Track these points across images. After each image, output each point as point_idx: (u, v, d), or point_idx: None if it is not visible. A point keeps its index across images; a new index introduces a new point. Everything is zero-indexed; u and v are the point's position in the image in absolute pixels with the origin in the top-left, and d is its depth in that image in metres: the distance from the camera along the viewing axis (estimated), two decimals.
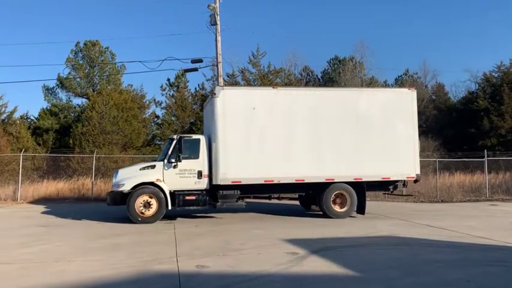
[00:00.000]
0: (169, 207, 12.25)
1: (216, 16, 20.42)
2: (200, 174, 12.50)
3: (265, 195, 14.03)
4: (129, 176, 12.55)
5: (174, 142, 12.58)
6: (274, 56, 74.94)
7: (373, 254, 8.43)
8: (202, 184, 12.52)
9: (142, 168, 12.68)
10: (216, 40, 20.70)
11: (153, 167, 12.63)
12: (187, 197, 12.38)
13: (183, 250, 8.49)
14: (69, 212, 12.45)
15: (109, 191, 13.43)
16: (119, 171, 13.14)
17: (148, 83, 74.09)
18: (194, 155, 12.62)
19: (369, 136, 13.18)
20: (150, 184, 12.27)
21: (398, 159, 13.25)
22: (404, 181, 13.80)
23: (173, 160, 12.38)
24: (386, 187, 14.02)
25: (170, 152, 12.52)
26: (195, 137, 13.30)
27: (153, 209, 12.15)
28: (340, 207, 13.15)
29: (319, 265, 7.33)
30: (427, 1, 68.55)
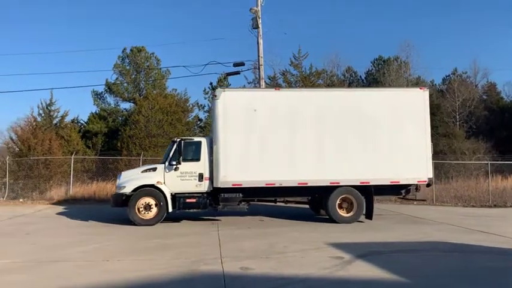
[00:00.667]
0: (169, 210, 12.29)
1: (258, 19, 20.53)
2: (201, 176, 12.43)
3: (271, 199, 13.73)
4: (131, 178, 12.66)
5: (175, 145, 12.59)
6: (316, 57, 74.36)
7: (422, 260, 8.16)
8: (204, 187, 12.44)
9: (144, 171, 12.81)
10: (257, 43, 20.80)
11: (155, 169, 12.69)
12: (188, 200, 12.36)
13: (227, 252, 8.57)
14: (117, 212, 12.86)
15: (113, 193, 13.59)
16: (122, 174, 13.31)
17: (191, 87, 75.38)
18: (195, 157, 12.59)
19: (377, 138, 12.67)
20: (151, 186, 12.35)
21: (408, 163, 12.63)
22: (417, 185, 13.11)
23: (174, 162, 12.37)
24: (397, 191, 13.39)
25: (171, 154, 12.53)
26: (196, 139, 13.20)
27: (153, 211, 12.21)
28: (347, 211, 12.68)
29: (365, 270, 7.18)
30: None
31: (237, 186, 12.24)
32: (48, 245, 9.48)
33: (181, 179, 12.37)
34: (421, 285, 6.53)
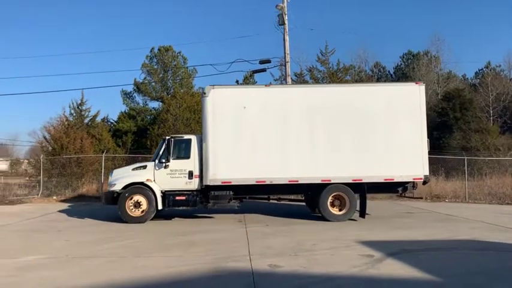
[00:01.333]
0: (159, 207, 12.33)
1: (284, 16, 20.45)
2: (191, 174, 12.42)
3: (264, 197, 13.54)
4: (122, 176, 12.76)
5: (165, 142, 12.61)
6: (343, 53, 73.53)
7: (454, 258, 7.95)
8: (194, 184, 12.42)
9: (135, 169, 12.88)
10: (283, 40, 20.73)
11: (145, 167, 12.75)
12: (177, 197, 12.36)
13: (256, 249, 8.57)
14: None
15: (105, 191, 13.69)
16: (113, 171, 13.43)
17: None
18: (185, 155, 12.58)
19: (370, 135, 12.38)
20: (141, 184, 12.41)
21: (403, 159, 12.28)
22: (414, 183, 12.76)
23: (164, 160, 12.43)
24: (393, 189, 13.10)
25: (161, 152, 12.58)
26: (186, 137, 13.13)
27: (143, 208, 12.28)
28: (339, 209, 12.44)
29: (396, 268, 7.04)
30: None
31: (227, 183, 12.20)
32: (80, 241, 9.73)
33: (171, 177, 12.43)
34: (454, 284, 6.35)
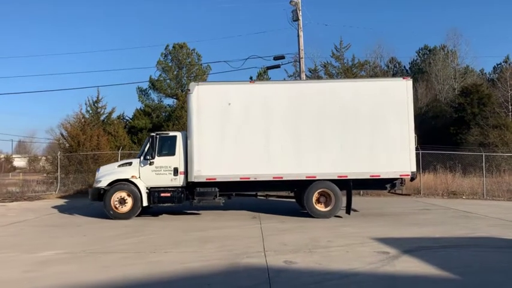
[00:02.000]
0: (144, 204, 12.36)
1: (298, 11, 20.35)
2: (176, 171, 12.42)
3: (251, 193, 13.45)
4: (108, 172, 12.83)
5: (150, 139, 12.64)
6: (358, 48, 73.04)
7: (472, 256, 7.83)
8: (179, 181, 12.41)
9: (121, 165, 12.95)
10: (298, 36, 20.63)
11: (130, 164, 12.79)
12: (162, 194, 12.37)
13: (271, 245, 8.57)
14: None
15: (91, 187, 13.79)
16: (100, 168, 13.51)
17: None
18: (170, 152, 12.59)
19: (356, 131, 12.25)
20: (126, 181, 12.45)
21: (389, 156, 12.14)
22: (402, 179, 12.57)
23: (149, 157, 12.46)
24: (381, 185, 12.91)
25: (146, 149, 12.62)
26: (171, 133, 13.15)
27: (128, 205, 12.33)
28: (325, 206, 12.37)
29: (413, 266, 6.96)
30: None
31: (211, 180, 12.21)
32: (97, 236, 9.86)
33: (156, 173, 12.47)
34: (472, 281, 6.25)
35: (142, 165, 12.54)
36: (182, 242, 9.15)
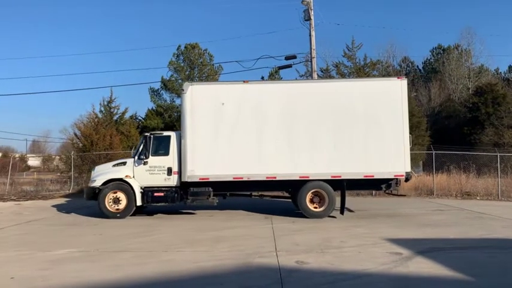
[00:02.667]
0: (138, 204, 12.41)
1: (310, 11, 20.29)
2: (170, 170, 12.45)
3: (246, 193, 13.36)
4: (103, 172, 12.92)
5: (144, 139, 12.70)
6: (370, 47, 72.53)
7: (487, 257, 7.71)
8: (172, 181, 12.45)
9: (115, 165, 12.99)
10: (309, 35, 20.57)
11: (125, 163, 12.86)
12: (156, 194, 12.41)
13: (282, 245, 8.56)
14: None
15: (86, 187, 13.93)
16: (96, 167, 13.60)
17: None
18: (164, 151, 12.62)
19: (350, 130, 12.16)
20: (120, 180, 12.51)
21: (384, 156, 12.02)
22: (397, 179, 12.44)
23: (143, 157, 12.51)
24: (376, 186, 12.84)
25: (140, 149, 12.68)
26: (165, 133, 13.15)
27: (122, 204, 12.42)
28: (318, 206, 12.30)
29: (427, 267, 6.89)
30: None
31: (205, 180, 12.22)
32: (111, 235, 9.95)
33: (150, 173, 12.53)
34: (487, 284, 6.17)
35: (136, 165, 12.63)
36: (194, 241, 9.18)
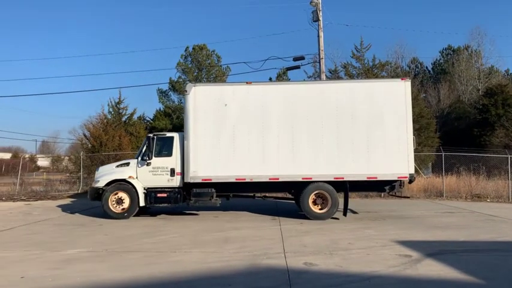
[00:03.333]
0: (141, 204, 12.46)
1: (319, 12, 20.24)
2: (173, 171, 12.50)
3: (249, 194, 13.35)
4: (106, 172, 12.98)
5: (147, 140, 12.73)
6: (379, 49, 72.22)
7: (499, 260, 7.63)
8: (175, 182, 12.49)
9: (119, 166, 13.06)
10: (318, 36, 20.52)
11: (128, 164, 12.92)
12: (159, 194, 12.45)
13: (290, 247, 8.54)
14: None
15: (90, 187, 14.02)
16: (100, 168, 13.67)
17: None
18: (167, 152, 12.66)
19: (353, 132, 12.10)
20: (124, 181, 12.56)
21: (387, 157, 11.95)
22: (400, 181, 12.36)
23: (146, 158, 12.56)
24: (379, 187, 12.76)
25: (144, 150, 12.72)
26: (169, 134, 13.23)
27: (125, 205, 12.49)
28: (321, 208, 12.25)
29: (436, 269, 6.83)
30: None
31: (207, 181, 12.22)
32: (119, 235, 9.99)
33: (153, 174, 12.58)
34: (497, 286, 6.10)
35: (139, 166, 12.71)
36: (202, 242, 9.19)
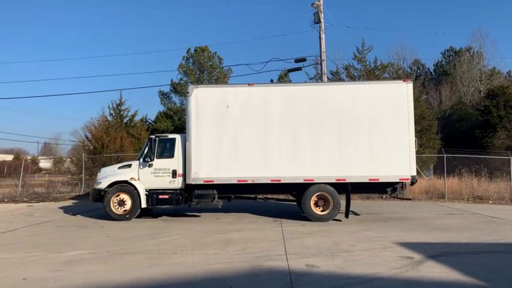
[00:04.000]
0: (143, 206, 12.48)
1: (320, 14, 20.27)
2: (175, 173, 12.50)
3: (250, 196, 13.34)
4: (108, 174, 13.00)
5: (149, 142, 12.76)
6: (381, 50, 72.19)
7: (501, 262, 7.61)
8: (177, 183, 12.49)
9: (121, 167, 13.07)
10: (319, 38, 20.55)
11: (130, 166, 12.92)
12: (161, 196, 12.45)
13: (292, 248, 8.54)
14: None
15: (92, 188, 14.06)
16: (101, 169, 13.66)
17: None
18: (169, 154, 12.66)
19: (355, 134, 12.10)
20: (126, 183, 12.57)
21: (389, 159, 11.94)
22: (402, 183, 12.34)
23: (148, 159, 12.57)
24: (381, 189, 12.75)
25: (146, 151, 12.72)
26: (171, 136, 13.22)
27: (127, 206, 12.51)
28: (323, 209, 12.26)
29: (438, 271, 6.81)
30: None
31: (209, 182, 12.23)
32: (121, 237, 9.99)
33: (155, 176, 12.58)
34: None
35: (141, 167, 12.71)
36: (204, 244, 9.19)
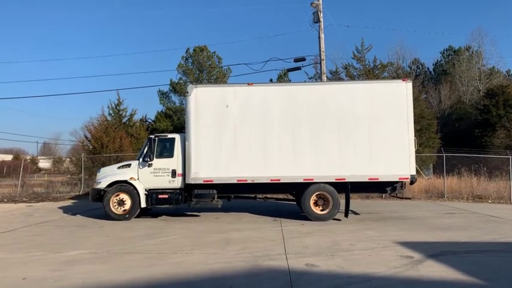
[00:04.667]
0: (142, 205, 12.49)
1: (319, 13, 20.27)
2: (174, 173, 12.52)
3: (250, 195, 13.34)
4: (108, 174, 13.01)
5: (149, 141, 12.78)
6: (380, 49, 72.23)
7: (501, 261, 7.61)
8: (177, 183, 12.50)
9: (120, 167, 13.09)
10: (319, 37, 20.55)
11: (129, 165, 12.94)
12: (160, 196, 12.47)
13: (292, 248, 8.53)
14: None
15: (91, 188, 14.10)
16: (101, 169, 13.67)
17: None
18: (169, 154, 12.68)
19: (354, 133, 12.13)
20: (125, 182, 12.58)
21: (388, 159, 11.98)
22: (402, 182, 12.37)
23: (147, 159, 12.58)
24: (380, 188, 12.76)
25: (145, 151, 12.73)
26: (170, 136, 13.23)
27: (126, 206, 12.52)
28: (322, 209, 12.29)
29: (438, 270, 6.81)
30: None
31: (208, 182, 12.24)
32: (120, 237, 9.99)
33: (155, 175, 12.59)
34: (499, 287, 6.08)
35: (141, 167, 12.72)
36: (203, 243, 9.18)
